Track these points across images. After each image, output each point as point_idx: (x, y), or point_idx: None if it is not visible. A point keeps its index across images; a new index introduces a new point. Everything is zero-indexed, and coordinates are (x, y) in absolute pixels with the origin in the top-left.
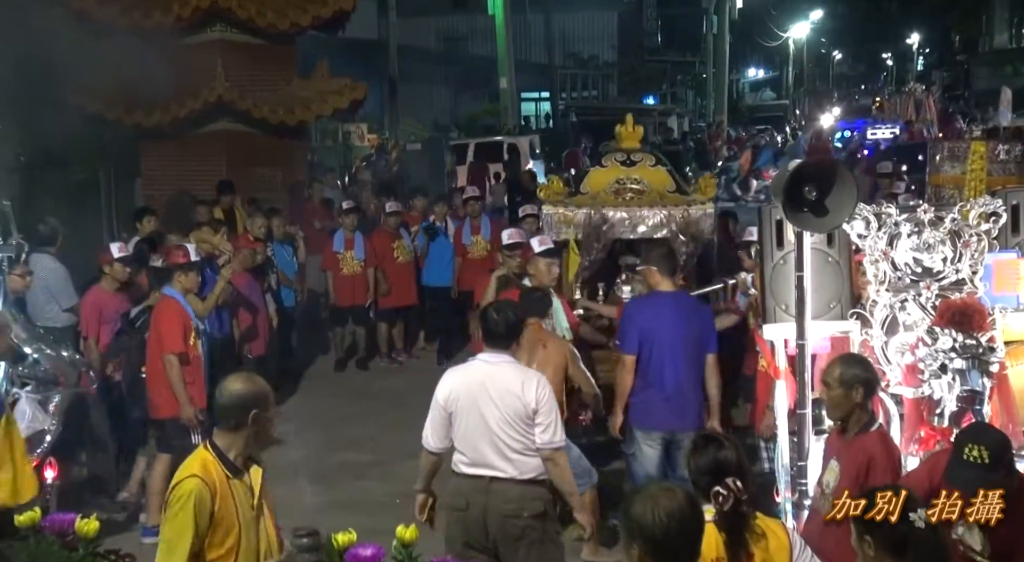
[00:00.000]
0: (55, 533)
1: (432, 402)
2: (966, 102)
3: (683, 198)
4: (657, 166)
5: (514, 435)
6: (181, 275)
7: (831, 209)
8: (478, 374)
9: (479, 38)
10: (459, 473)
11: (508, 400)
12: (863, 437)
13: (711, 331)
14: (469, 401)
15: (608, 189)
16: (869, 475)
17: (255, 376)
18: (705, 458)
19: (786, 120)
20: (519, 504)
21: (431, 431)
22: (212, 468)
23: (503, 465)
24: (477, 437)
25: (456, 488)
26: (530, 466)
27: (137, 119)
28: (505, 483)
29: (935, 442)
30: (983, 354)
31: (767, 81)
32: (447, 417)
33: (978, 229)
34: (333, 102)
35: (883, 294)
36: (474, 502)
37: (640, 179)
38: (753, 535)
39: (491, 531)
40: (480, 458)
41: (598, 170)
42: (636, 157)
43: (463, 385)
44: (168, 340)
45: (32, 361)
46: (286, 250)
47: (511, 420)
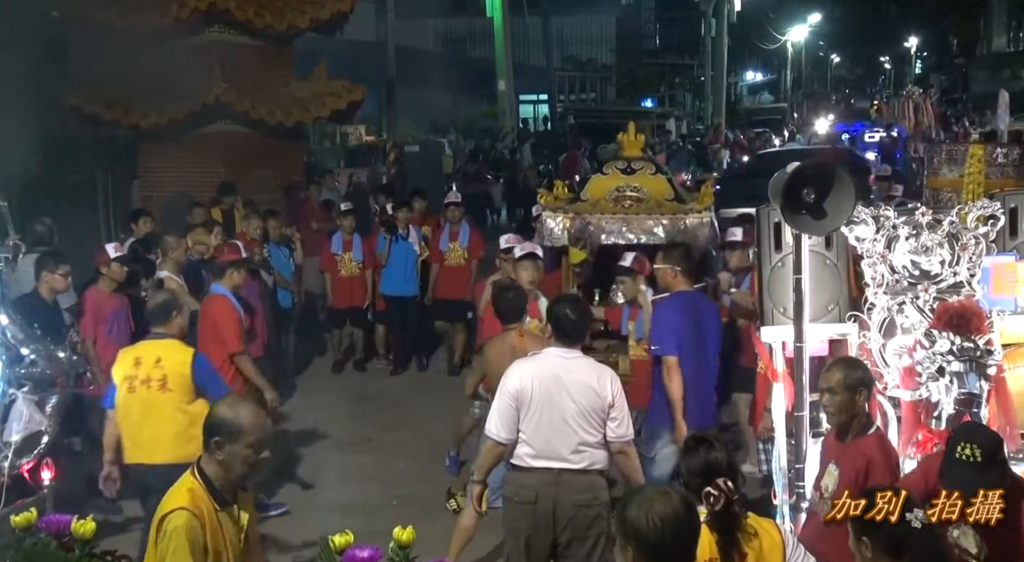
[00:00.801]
0: (52, 534)
1: (499, 395)
2: (964, 105)
3: (681, 207)
4: (657, 174)
5: (588, 428)
6: (233, 271)
7: (829, 212)
8: (552, 368)
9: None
10: (524, 467)
11: (586, 394)
12: (861, 440)
13: (720, 329)
14: (544, 395)
15: (608, 196)
16: (868, 478)
17: (247, 406)
18: (696, 460)
19: (784, 123)
20: (592, 493)
21: (500, 423)
22: (200, 498)
23: (574, 457)
24: (551, 430)
25: (522, 481)
26: (597, 458)
27: (135, 120)
28: (574, 474)
29: (932, 445)
30: (981, 357)
31: (765, 84)
32: (516, 409)
33: (976, 232)
34: (331, 104)
35: (881, 297)
36: (544, 495)
37: (639, 187)
38: (745, 535)
39: (560, 522)
40: (551, 451)
41: (599, 178)
42: (636, 165)
43: (536, 379)
44: (230, 340)
45: (29, 362)
46: (282, 251)
47: (587, 414)
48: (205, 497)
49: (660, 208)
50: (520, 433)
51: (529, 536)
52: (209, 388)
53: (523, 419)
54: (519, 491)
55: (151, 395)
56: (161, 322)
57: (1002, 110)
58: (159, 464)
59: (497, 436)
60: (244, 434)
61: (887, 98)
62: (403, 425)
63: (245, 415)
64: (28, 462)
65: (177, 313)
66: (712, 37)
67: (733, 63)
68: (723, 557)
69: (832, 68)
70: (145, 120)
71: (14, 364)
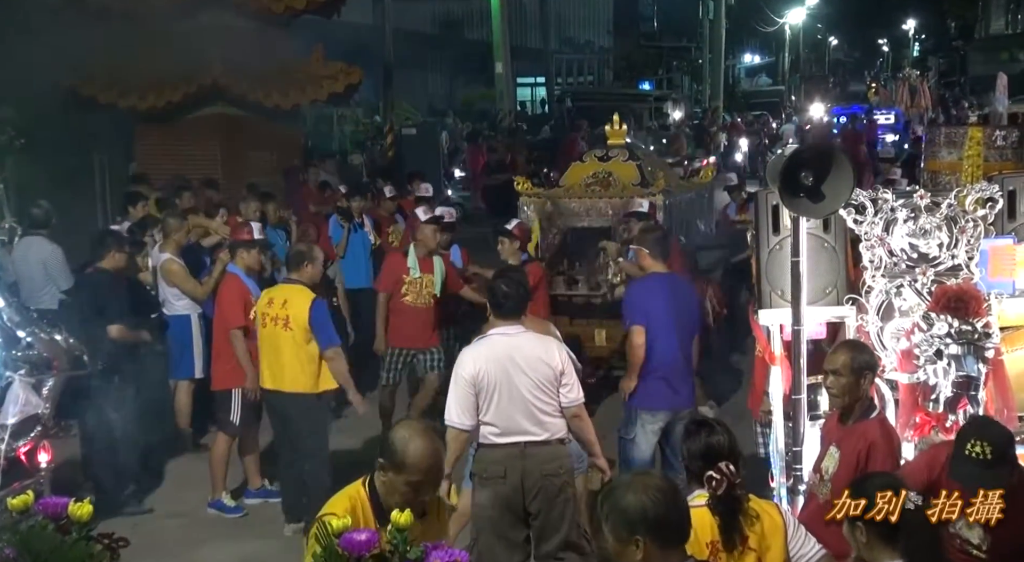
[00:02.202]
0: (48, 516)
1: (454, 383)
2: (962, 88)
3: (641, 190)
4: (629, 161)
5: (546, 399)
6: (243, 252)
7: (827, 195)
8: (501, 348)
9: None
10: (490, 444)
11: (537, 367)
12: (864, 423)
13: (699, 312)
14: (500, 374)
15: (582, 183)
16: (869, 461)
17: (423, 440)
18: (697, 443)
19: (782, 106)
20: (557, 462)
21: (460, 410)
22: (359, 509)
23: (536, 429)
24: (511, 407)
25: (489, 458)
26: (558, 427)
27: (132, 102)
28: (538, 446)
29: (930, 428)
30: (979, 340)
31: (763, 67)
32: (475, 394)
33: (974, 215)
34: (328, 86)
35: (879, 280)
36: (512, 468)
37: (611, 173)
38: (747, 518)
39: (530, 493)
40: (514, 426)
41: (577, 165)
42: (612, 153)
43: (490, 361)
44: (230, 315)
45: (26, 344)
46: (279, 235)
47: (542, 385)
48: (367, 508)
49: (623, 192)
50: (482, 415)
51: (502, 511)
52: (318, 334)
53: (483, 402)
54: (488, 467)
55: (277, 332)
56: (295, 269)
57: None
58: (285, 392)
59: (461, 424)
60: (406, 470)
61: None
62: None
63: (414, 450)
64: (25, 445)
65: (308, 262)
66: (710, 19)
67: (731, 46)
68: (725, 540)
69: (830, 51)
70: (142, 102)
71: (11, 346)
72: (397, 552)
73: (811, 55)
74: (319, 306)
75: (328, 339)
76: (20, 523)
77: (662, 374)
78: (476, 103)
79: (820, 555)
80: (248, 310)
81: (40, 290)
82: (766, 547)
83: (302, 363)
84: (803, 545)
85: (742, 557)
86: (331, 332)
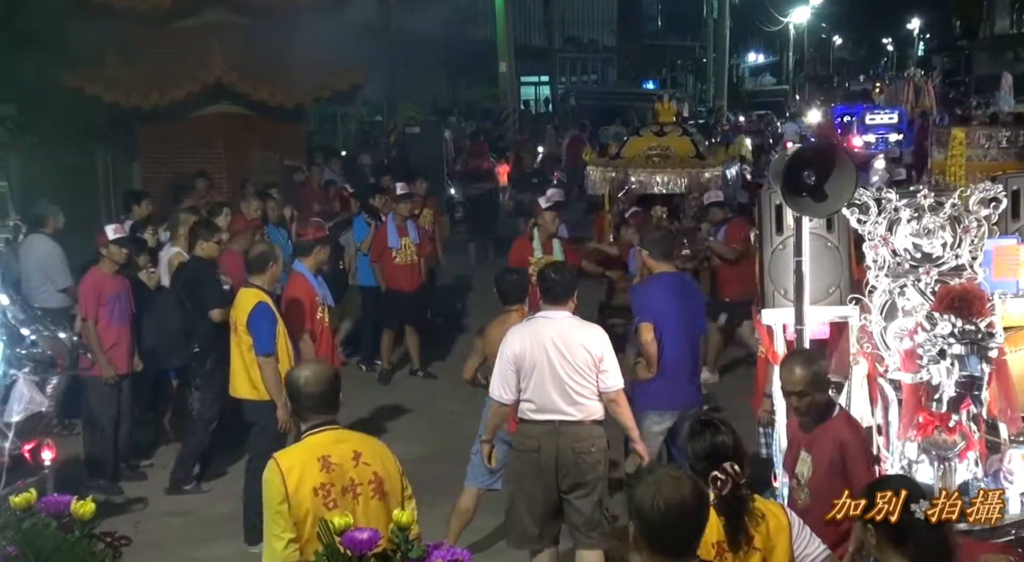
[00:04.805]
0: (51, 514)
1: (499, 359)
2: (966, 88)
3: (700, 162)
4: (683, 136)
5: (582, 382)
6: (320, 249)
7: (830, 194)
8: (544, 329)
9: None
10: (528, 420)
11: (576, 351)
12: (829, 423)
13: (703, 311)
14: (539, 355)
15: (642, 154)
16: (845, 459)
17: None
18: (702, 443)
19: (786, 105)
20: (590, 441)
21: (501, 384)
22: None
23: (571, 410)
24: (548, 386)
25: (526, 432)
26: (592, 409)
27: (135, 101)
28: (573, 425)
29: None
30: (982, 340)
31: (767, 66)
32: (516, 371)
33: (978, 215)
34: (332, 85)
35: (882, 279)
36: (546, 444)
37: (668, 147)
38: (752, 518)
39: (562, 469)
40: (550, 405)
41: (635, 139)
42: (667, 129)
43: (531, 341)
44: (296, 319)
45: (30, 342)
46: (280, 233)
47: (580, 369)
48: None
49: (683, 164)
50: (522, 392)
51: (534, 482)
52: (252, 337)
53: (523, 379)
54: (524, 441)
55: (235, 337)
56: (256, 272)
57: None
58: (237, 398)
59: (501, 398)
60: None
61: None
62: (403, 407)
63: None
64: (29, 443)
65: (273, 263)
66: (714, 18)
67: (735, 45)
68: (730, 540)
69: (834, 50)
70: (146, 101)
71: (15, 345)
72: (399, 550)
73: (815, 54)
74: (259, 309)
75: (260, 345)
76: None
77: (670, 374)
78: (480, 102)
79: (824, 555)
80: (315, 312)
81: (38, 288)
82: (771, 547)
83: (247, 368)
84: (808, 545)
85: (747, 557)
86: (265, 337)
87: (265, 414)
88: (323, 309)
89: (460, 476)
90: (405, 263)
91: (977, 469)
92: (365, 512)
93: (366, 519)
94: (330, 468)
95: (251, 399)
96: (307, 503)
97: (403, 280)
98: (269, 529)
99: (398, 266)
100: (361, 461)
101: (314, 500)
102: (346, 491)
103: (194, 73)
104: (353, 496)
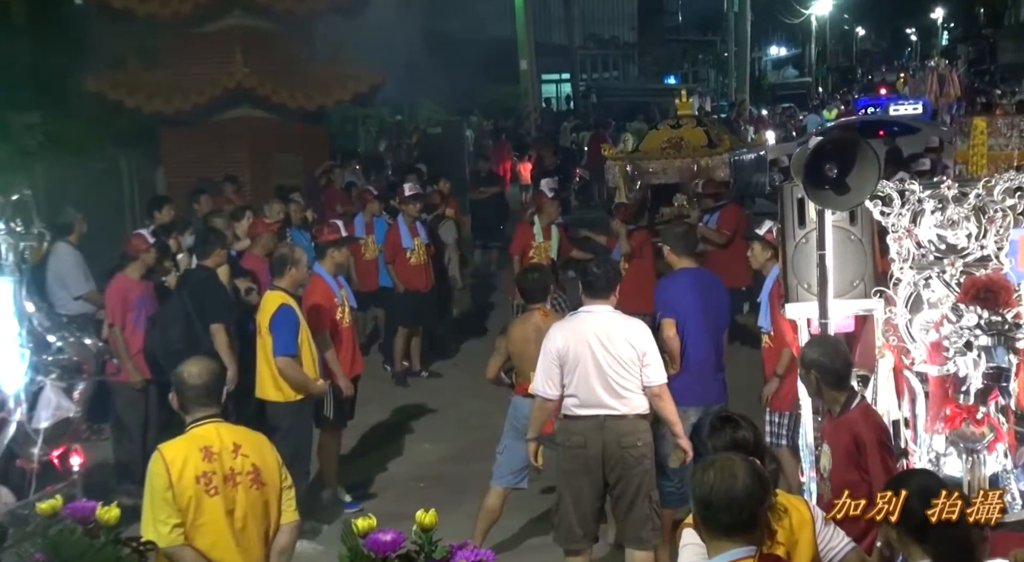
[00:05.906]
0: (77, 520)
1: (543, 355)
2: (992, 77)
3: (708, 150)
4: (697, 127)
5: (626, 375)
6: (335, 251)
7: (852, 187)
8: (587, 324)
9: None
10: (572, 415)
11: (619, 345)
12: (845, 416)
13: (727, 306)
14: (583, 350)
15: (658, 146)
16: (861, 452)
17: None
18: (722, 439)
19: (809, 98)
20: (635, 436)
21: (545, 380)
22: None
23: (615, 404)
24: (593, 381)
25: (572, 428)
26: (638, 403)
27: (157, 106)
28: (617, 419)
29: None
30: (1009, 330)
31: (789, 59)
32: (560, 367)
33: (1003, 205)
34: (352, 87)
35: (907, 271)
36: (592, 439)
37: (682, 137)
38: (775, 512)
39: (609, 463)
40: (594, 399)
41: (654, 132)
42: (683, 121)
43: (574, 336)
44: (316, 319)
45: (56, 349)
46: (304, 236)
47: (623, 363)
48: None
49: (694, 153)
50: (566, 387)
51: (581, 477)
52: (273, 339)
53: (567, 375)
54: (570, 437)
55: (260, 340)
56: (277, 274)
57: None
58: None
59: (545, 393)
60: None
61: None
62: (426, 407)
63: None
64: (57, 449)
65: (292, 266)
66: (735, 12)
67: (757, 38)
68: None
69: (857, 41)
70: (168, 106)
71: (41, 351)
72: (423, 551)
73: (838, 46)
74: (281, 311)
75: (278, 346)
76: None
77: (694, 370)
78: (501, 101)
79: (849, 549)
80: (333, 312)
81: (56, 296)
82: (794, 542)
83: (272, 370)
84: (831, 539)
85: (771, 551)
86: (283, 339)
87: (288, 417)
88: (343, 310)
89: (484, 475)
90: (419, 263)
91: (1006, 461)
92: (244, 500)
93: (246, 506)
94: (211, 458)
95: (276, 401)
96: (190, 490)
97: (419, 280)
98: (155, 515)
99: (413, 266)
100: (240, 453)
101: (196, 487)
102: (227, 480)
103: (216, 77)
104: (233, 484)
